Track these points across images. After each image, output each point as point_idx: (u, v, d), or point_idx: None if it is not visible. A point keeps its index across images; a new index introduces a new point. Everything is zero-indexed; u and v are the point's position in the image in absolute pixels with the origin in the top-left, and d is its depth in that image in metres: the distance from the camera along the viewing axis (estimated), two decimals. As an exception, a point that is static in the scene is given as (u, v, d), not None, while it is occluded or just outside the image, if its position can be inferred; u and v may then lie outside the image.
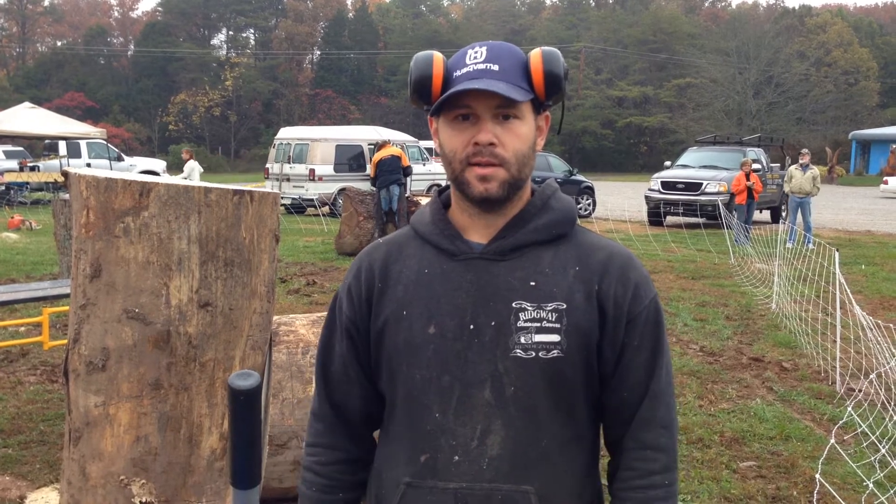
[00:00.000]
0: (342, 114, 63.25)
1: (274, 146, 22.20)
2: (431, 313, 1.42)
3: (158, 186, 2.24)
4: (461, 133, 1.40)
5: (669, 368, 1.48)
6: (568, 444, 1.43)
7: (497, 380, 1.38)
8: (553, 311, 1.38)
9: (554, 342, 1.37)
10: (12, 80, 65.60)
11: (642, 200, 20.74)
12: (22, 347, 6.71)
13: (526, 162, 1.42)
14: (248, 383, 1.20)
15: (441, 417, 1.40)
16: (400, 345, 1.44)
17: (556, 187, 1.54)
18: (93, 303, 2.24)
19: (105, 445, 2.28)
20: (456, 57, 1.44)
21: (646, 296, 1.44)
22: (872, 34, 72.45)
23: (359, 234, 13.21)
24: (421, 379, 1.42)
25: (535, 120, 1.44)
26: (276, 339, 3.92)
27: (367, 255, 1.54)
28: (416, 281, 1.45)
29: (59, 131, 19.58)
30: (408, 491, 1.43)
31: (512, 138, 1.39)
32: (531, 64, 1.40)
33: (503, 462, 1.38)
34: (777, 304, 8.93)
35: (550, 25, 73.93)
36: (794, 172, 15.71)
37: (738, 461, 4.66)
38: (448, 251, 1.45)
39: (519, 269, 1.41)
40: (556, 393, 1.40)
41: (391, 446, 1.49)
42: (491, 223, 1.45)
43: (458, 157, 1.40)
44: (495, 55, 1.39)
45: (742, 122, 53.56)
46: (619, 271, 1.43)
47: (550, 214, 1.46)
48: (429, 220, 1.51)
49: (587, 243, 1.46)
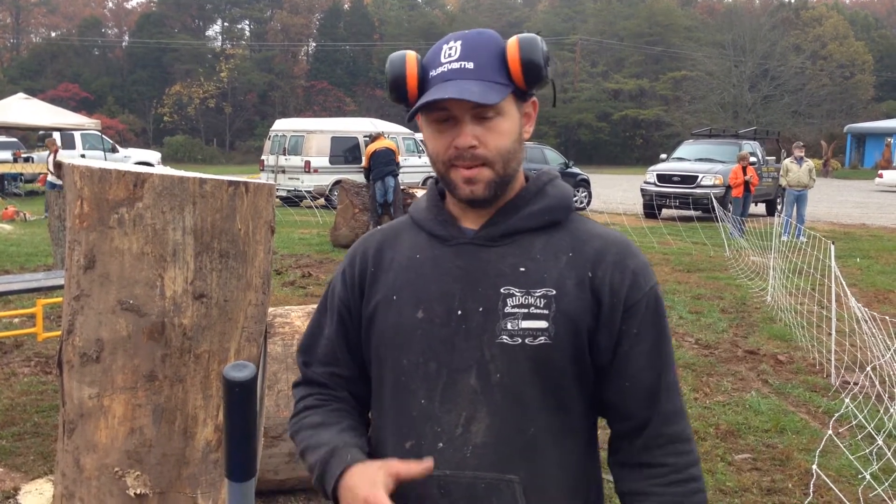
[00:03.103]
0: (337, 106, 63.14)
1: (269, 138, 22.16)
2: (420, 298, 1.41)
3: (153, 177, 2.22)
4: (441, 135, 1.38)
5: (673, 358, 1.47)
6: (558, 435, 1.39)
7: (483, 366, 1.36)
8: (542, 297, 1.36)
9: (541, 328, 1.35)
10: (6, 71, 65.34)
11: (638, 193, 20.74)
12: (16, 339, 6.69)
13: (511, 157, 1.39)
14: (243, 375, 1.19)
15: (427, 404, 1.39)
16: (389, 329, 1.43)
17: (556, 175, 1.51)
18: (87, 294, 2.23)
19: (99, 437, 2.27)
20: (431, 53, 1.41)
21: (645, 283, 1.41)
22: (868, 27, 72.47)
23: (354, 226, 13.19)
24: (408, 364, 1.40)
25: (518, 109, 1.40)
26: (271, 330, 3.91)
27: (363, 241, 1.55)
28: (407, 266, 1.45)
29: (54, 122, 19.52)
30: None
31: (494, 137, 1.36)
32: (508, 54, 1.36)
33: (487, 450, 1.35)
34: (772, 297, 8.94)
35: (546, 18, 73.76)
36: (791, 166, 15.65)
37: (733, 454, 4.66)
38: (440, 237, 1.44)
39: (509, 255, 1.40)
40: (544, 381, 1.37)
41: (380, 433, 1.48)
42: (483, 211, 1.43)
43: (440, 158, 1.39)
44: (470, 51, 1.36)
45: (738, 115, 53.57)
46: (616, 258, 1.40)
47: (544, 201, 1.44)
48: (424, 206, 1.50)
49: (583, 231, 1.44)
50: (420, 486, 1.37)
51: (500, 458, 1.36)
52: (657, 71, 64.00)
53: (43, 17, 76.69)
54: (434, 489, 1.37)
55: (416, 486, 1.37)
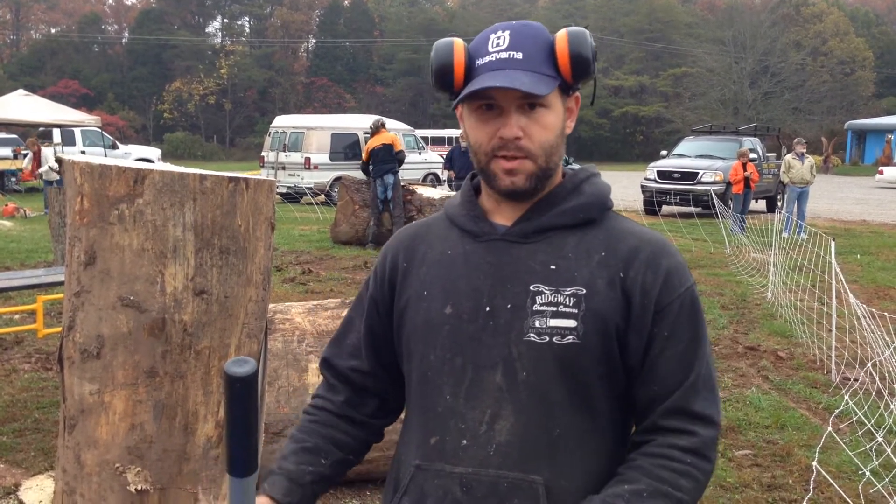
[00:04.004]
0: (337, 102, 63.06)
1: (269, 135, 22.13)
2: (449, 294, 1.40)
3: (153, 173, 2.22)
4: (486, 124, 1.36)
5: (711, 361, 1.39)
6: (584, 437, 1.36)
7: (510, 364, 1.34)
8: (571, 295, 1.33)
9: (570, 327, 1.32)
10: (6, 68, 65.27)
11: (638, 190, 20.74)
12: (16, 335, 6.69)
13: (554, 151, 1.37)
14: (244, 370, 1.19)
15: (452, 400, 1.37)
16: (419, 324, 1.42)
17: (595, 172, 1.49)
18: (87, 290, 2.23)
19: (100, 433, 2.27)
20: (478, 41, 1.39)
21: (680, 285, 1.37)
22: (868, 24, 72.36)
23: (354, 222, 13.17)
24: (435, 359, 1.39)
25: (563, 103, 1.39)
26: (271, 327, 3.91)
27: (396, 237, 1.55)
28: (438, 261, 1.43)
29: (54, 119, 19.50)
30: (417, 473, 1.40)
31: (538, 130, 1.35)
32: (557, 47, 1.34)
33: (511, 449, 1.33)
34: (773, 294, 8.94)
35: (547, 14, 73.65)
36: (793, 162, 15.57)
37: (733, 450, 4.66)
38: (472, 232, 1.43)
39: (541, 253, 1.37)
40: (571, 381, 1.34)
41: (408, 430, 1.47)
42: (517, 206, 1.41)
43: (483, 149, 1.37)
44: (519, 41, 1.34)
45: (738, 111, 53.50)
46: (650, 258, 1.36)
47: (579, 198, 1.41)
48: (458, 202, 1.49)
49: (618, 229, 1.41)
50: (443, 483, 1.36)
51: (524, 458, 1.33)
52: (657, 67, 63.94)
53: (43, 14, 76.58)
54: (456, 487, 1.35)
55: (440, 484, 1.36)
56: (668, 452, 1.33)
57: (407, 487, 1.41)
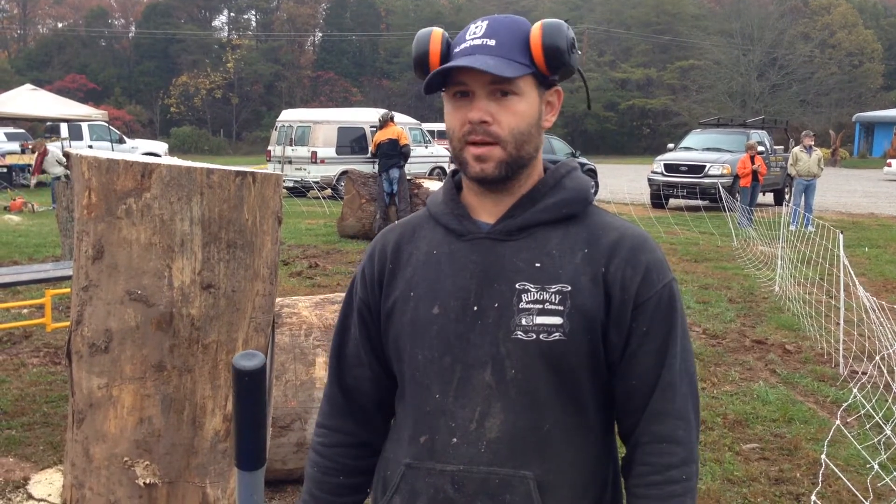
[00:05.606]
0: (344, 96, 63.03)
1: (276, 129, 22.15)
2: (436, 294, 1.40)
3: (160, 168, 2.22)
4: (458, 111, 1.37)
5: (688, 357, 1.41)
6: (572, 432, 1.38)
7: (498, 362, 1.35)
8: (557, 293, 1.34)
9: (556, 325, 1.33)
10: (14, 63, 65.39)
11: (645, 183, 20.69)
12: (25, 329, 6.72)
13: (526, 140, 1.38)
14: (252, 364, 1.19)
15: (441, 398, 1.38)
16: (406, 325, 1.42)
17: (575, 167, 1.50)
18: (95, 284, 2.24)
19: (108, 427, 2.27)
20: (460, 32, 1.41)
21: (658, 280, 1.38)
22: (877, 16, 71.94)
23: (361, 216, 13.18)
24: (423, 359, 1.40)
25: (539, 94, 1.39)
26: (278, 321, 3.92)
27: (382, 236, 1.54)
28: (424, 262, 1.44)
29: (61, 113, 19.55)
30: (407, 472, 1.41)
31: (508, 115, 1.35)
32: (531, 37, 1.35)
33: (501, 446, 1.35)
34: (780, 287, 8.91)
35: (553, 7, 73.39)
36: (801, 155, 15.49)
37: (741, 443, 4.66)
38: (456, 231, 1.43)
39: (525, 250, 1.38)
40: (559, 377, 1.35)
41: (397, 429, 1.48)
42: (499, 202, 1.42)
43: (455, 135, 1.38)
44: (494, 30, 1.36)
45: (745, 104, 53.33)
46: (629, 253, 1.38)
47: (561, 193, 1.42)
48: (440, 200, 1.49)
49: (599, 224, 1.42)
50: (434, 481, 1.38)
51: (514, 454, 1.35)
52: (665, 60, 63.68)
53: (50, 8, 76.68)
54: (448, 484, 1.37)
55: (431, 482, 1.38)
56: (667, 476, 1.36)
57: (398, 486, 1.42)
